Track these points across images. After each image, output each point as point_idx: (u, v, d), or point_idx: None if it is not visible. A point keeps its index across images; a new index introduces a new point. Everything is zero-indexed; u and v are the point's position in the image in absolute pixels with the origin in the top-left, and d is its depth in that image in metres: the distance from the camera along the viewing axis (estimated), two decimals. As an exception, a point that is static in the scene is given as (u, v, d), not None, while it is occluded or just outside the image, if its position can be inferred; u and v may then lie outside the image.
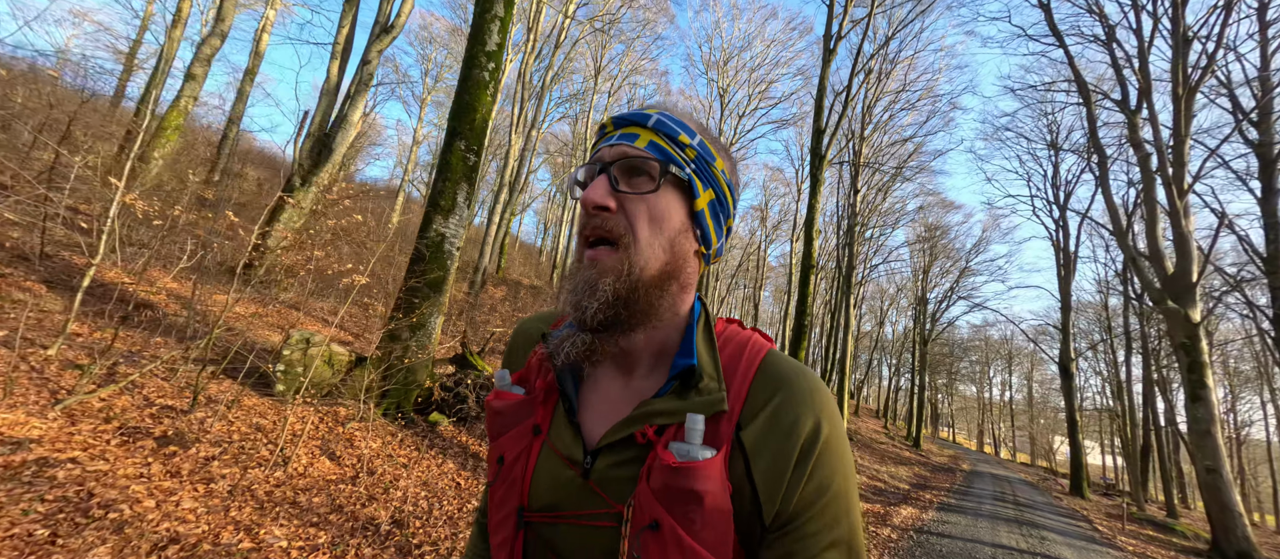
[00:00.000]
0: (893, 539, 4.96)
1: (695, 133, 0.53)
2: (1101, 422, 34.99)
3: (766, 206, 36.15)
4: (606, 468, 0.49)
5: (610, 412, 0.53)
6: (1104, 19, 12.13)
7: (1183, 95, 10.34)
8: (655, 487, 0.44)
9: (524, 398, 0.56)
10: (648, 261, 0.49)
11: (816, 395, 0.48)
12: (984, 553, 4.95)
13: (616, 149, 0.51)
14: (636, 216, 0.49)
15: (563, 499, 0.51)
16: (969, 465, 19.41)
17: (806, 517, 0.45)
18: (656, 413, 0.48)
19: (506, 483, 0.54)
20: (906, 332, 38.00)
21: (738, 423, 0.48)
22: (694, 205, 0.52)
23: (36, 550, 1.50)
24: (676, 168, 0.50)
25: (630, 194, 0.50)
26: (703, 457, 0.44)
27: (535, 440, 0.54)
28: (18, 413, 1.99)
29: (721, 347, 0.53)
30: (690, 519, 0.43)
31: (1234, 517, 8.39)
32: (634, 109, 0.53)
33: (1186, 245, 9.87)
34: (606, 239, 0.50)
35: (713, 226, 0.54)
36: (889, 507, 6.88)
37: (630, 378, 0.54)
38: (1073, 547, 6.24)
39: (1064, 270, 18.22)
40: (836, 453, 0.47)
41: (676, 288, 0.52)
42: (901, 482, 10.27)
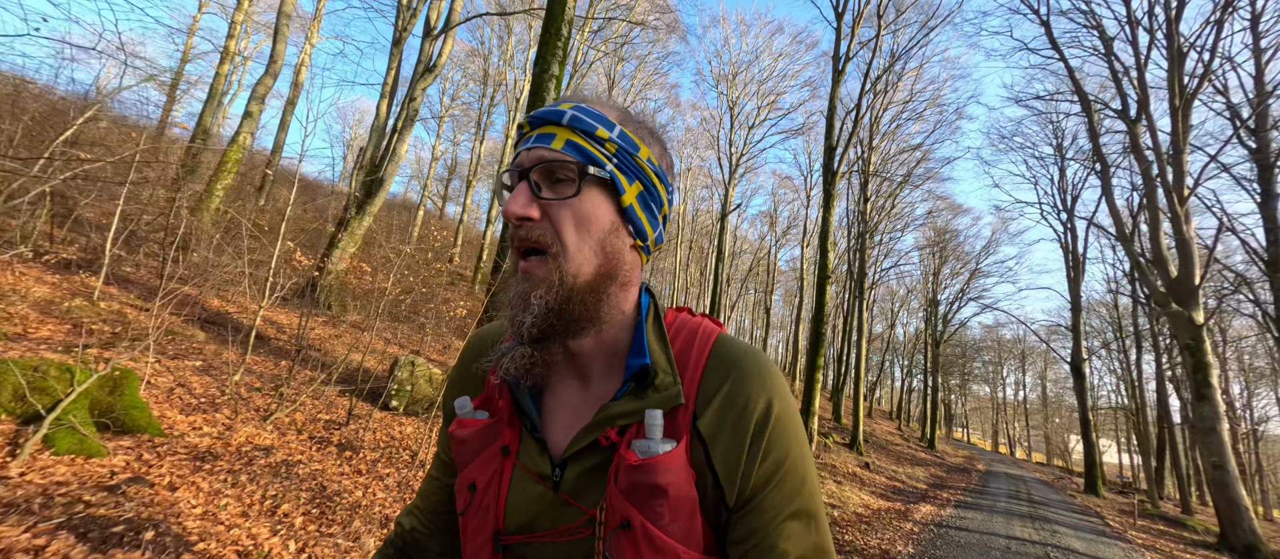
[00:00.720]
0: (914, 532, 5.48)
1: (614, 123, 0.51)
2: (1117, 420, 34.94)
3: (775, 212, 36.68)
4: (576, 477, 0.50)
5: (573, 420, 0.53)
6: (1102, 33, 12.62)
7: (1180, 106, 10.81)
8: (622, 487, 0.45)
9: (489, 422, 0.55)
10: (579, 268, 0.48)
11: (765, 374, 0.49)
12: (998, 544, 5.46)
13: (533, 153, 0.49)
14: (561, 223, 0.48)
15: (537, 516, 0.51)
16: (984, 465, 19.74)
17: (765, 492, 0.47)
18: (616, 415, 0.48)
19: (480, 510, 0.54)
20: (918, 333, 38.22)
21: (693, 412, 0.49)
22: (621, 202, 0.51)
23: (314, 526, 2.11)
24: (596, 167, 0.49)
25: (552, 200, 0.49)
26: (663, 450, 0.45)
27: (505, 462, 0.54)
28: (249, 427, 2.61)
29: (672, 338, 0.53)
30: (658, 513, 0.44)
31: (1240, 511, 8.77)
32: (548, 105, 0.52)
33: (1188, 250, 10.30)
34: (536, 248, 0.49)
35: (645, 218, 0.53)
36: (909, 505, 7.38)
37: (588, 384, 0.54)
38: (1082, 539, 6.71)
39: (1073, 273, 18.59)
40: (788, 428, 0.48)
41: (616, 287, 0.51)
42: (919, 482, 10.74)
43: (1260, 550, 8.38)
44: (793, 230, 36.75)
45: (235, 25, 14.51)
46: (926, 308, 29.30)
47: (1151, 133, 11.21)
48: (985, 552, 4.92)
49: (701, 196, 36.43)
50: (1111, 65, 12.48)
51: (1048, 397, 46.12)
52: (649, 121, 0.56)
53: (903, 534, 5.23)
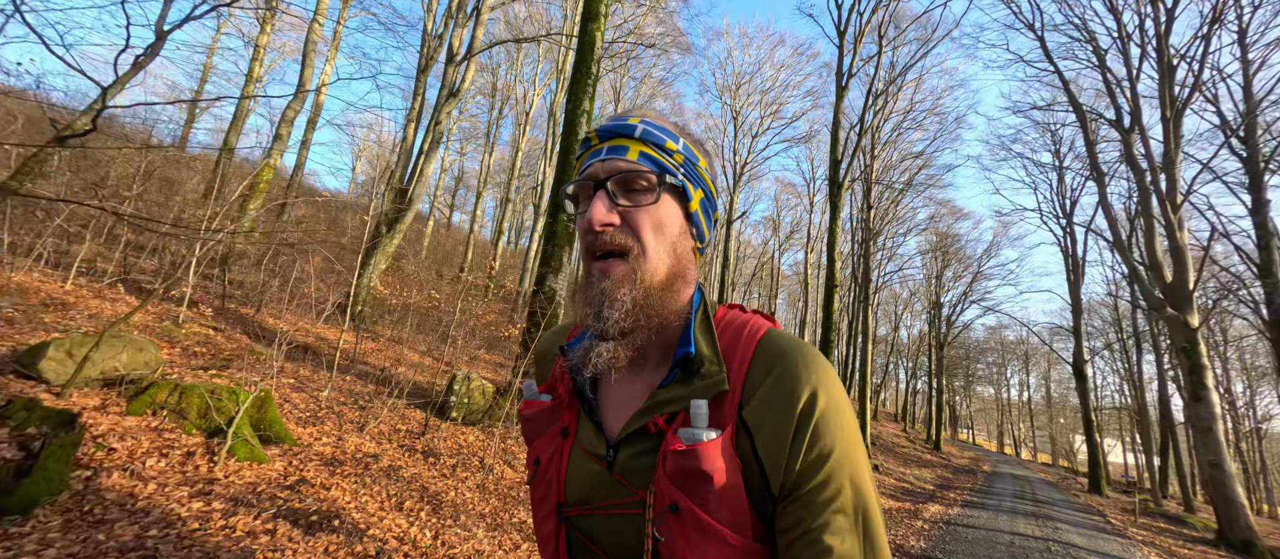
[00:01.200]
0: (924, 529, 5.88)
1: (678, 136, 0.56)
2: (1121, 420, 35.16)
3: (778, 217, 37.14)
4: (628, 459, 0.53)
5: (627, 406, 0.56)
6: (1096, 46, 13.07)
7: (1170, 118, 11.24)
8: (670, 471, 0.48)
9: (551, 404, 0.61)
10: (656, 268, 0.52)
11: (813, 366, 0.50)
12: (1003, 539, 5.85)
13: (609, 164, 0.53)
14: (642, 228, 0.52)
15: (594, 492, 0.55)
16: (989, 467, 20.06)
17: (811, 484, 0.47)
18: (664, 402, 0.52)
19: (544, 482, 0.59)
20: (922, 335, 38.56)
21: (740, 402, 0.50)
22: (689, 207, 0.56)
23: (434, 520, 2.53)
24: (670, 176, 0.53)
25: (632, 207, 0.52)
26: (706, 438, 0.47)
27: (565, 442, 0.58)
28: (353, 437, 3.04)
29: (721, 332, 0.56)
30: (705, 499, 0.46)
31: (1237, 508, 9.12)
32: (615, 120, 0.56)
33: (1182, 256, 10.68)
34: (617, 252, 0.53)
35: (706, 222, 0.58)
36: (918, 504, 7.77)
37: (642, 372, 0.57)
38: (1083, 535, 7.09)
39: (1073, 276, 18.96)
40: (835, 421, 0.48)
41: (682, 285, 0.56)
42: (926, 483, 11.11)
43: (1256, 546, 8.71)
44: (796, 235, 37.20)
45: (259, 49, 15.08)
46: (930, 310, 29.68)
47: (1144, 143, 11.64)
48: (991, 547, 5.32)
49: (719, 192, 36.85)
50: (1105, 77, 12.91)
51: (1052, 397, 46.35)
52: (697, 136, 0.60)
53: (914, 531, 5.63)
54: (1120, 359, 25.62)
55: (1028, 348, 43.58)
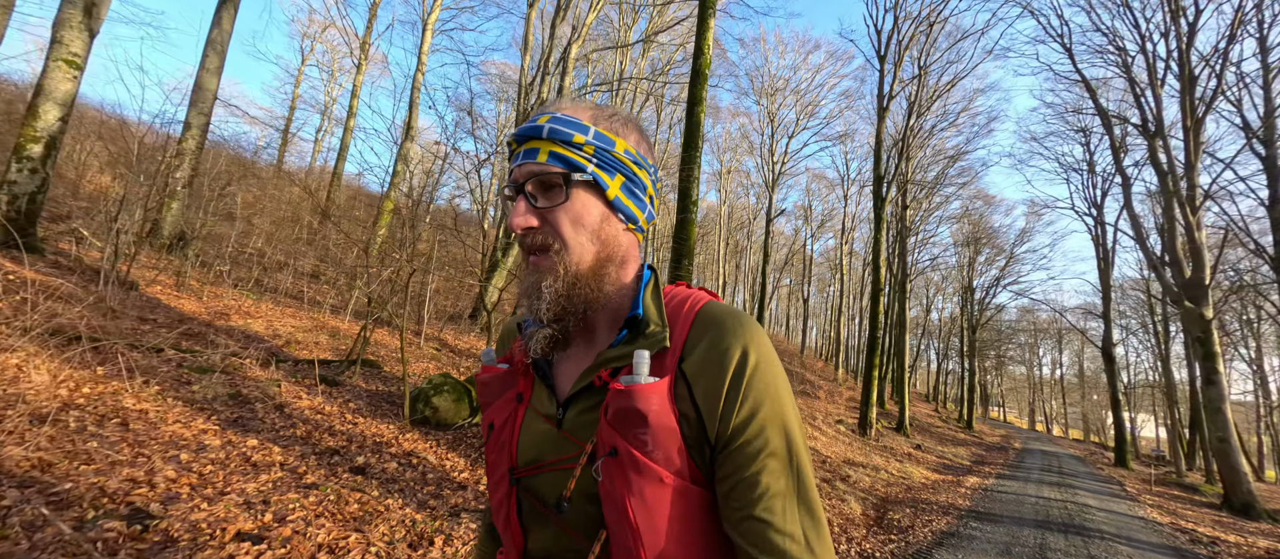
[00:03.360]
0: (967, 494, 7.53)
1: (588, 126, 0.57)
2: (1155, 396, 35.67)
3: (809, 206, 38.20)
4: (575, 415, 0.57)
5: (577, 371, 0.60)
6: (1122, 54, 14.05)
7: (1191, 126, 12.33)
8: (610, 416, 0.51)
9: (507, 371, 0.65)
10: (580, 258, 0.56)
11: (745, 328, 0.54)
12: (1030, 501, 7.46)
13: (524, 169, 0.56)
14: (559, 224, 0.56)
15: (543, 451, 0.58)
16: (1020, 444, 21.40)
17: (745, 434, 0.51)
18: (610, 359, 0.55)
19: (497, 446, 0.62)
20: (953, 317, 39.39)
21: (680, 356, 0.54)
22: (607, 195, 0.58)
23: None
24: (579, 173, 0.55)
25: (548, 207, 0.56)
26: (645, 381, 0.50)
27: (519, 407, 0.62)
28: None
29: (667, 301, 0.60)
30: (641, 440, 0.50)
31: (1240, 476, 10.51)
32: (528, 122, 0.58)
33: (1200, 254, 11.89)
34: (542, 247, 0.56)
35: (633, 203, 0.60)
36: (959, 477, 9.42)
37: (592, 342, 0.61)
38: (1097, 498, 8.65)
39: (1103, 265, 19.93)
40: (766, 377, 0.52)
41: (614, 267, 0.59)
42: (963, 459, 12.69)
43: (1254, 507, 10.10)
44: (828, 223, 38.29)
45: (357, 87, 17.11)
46: (962, 294, 30.59)
47: (1166, 149, 12.75)
48: (1020, 505, 6.96)
49: (737, 193, 38.17)
50: (1131, 83, 13.93)
51: (1084, 374, 46.68)
52: (622, 113, 0.62)
53: (959, 495, 7.30)
54: (1152, 338, 26.36)
55: (1060, 326, 43.89)
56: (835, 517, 4.68)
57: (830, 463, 7.30)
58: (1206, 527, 7.29)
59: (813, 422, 10.93)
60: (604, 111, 0.60)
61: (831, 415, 13.28)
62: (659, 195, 0.66)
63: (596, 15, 11.57)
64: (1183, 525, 7.18)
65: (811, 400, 16.29)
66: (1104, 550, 4.85)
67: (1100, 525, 6.14)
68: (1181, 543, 5.93)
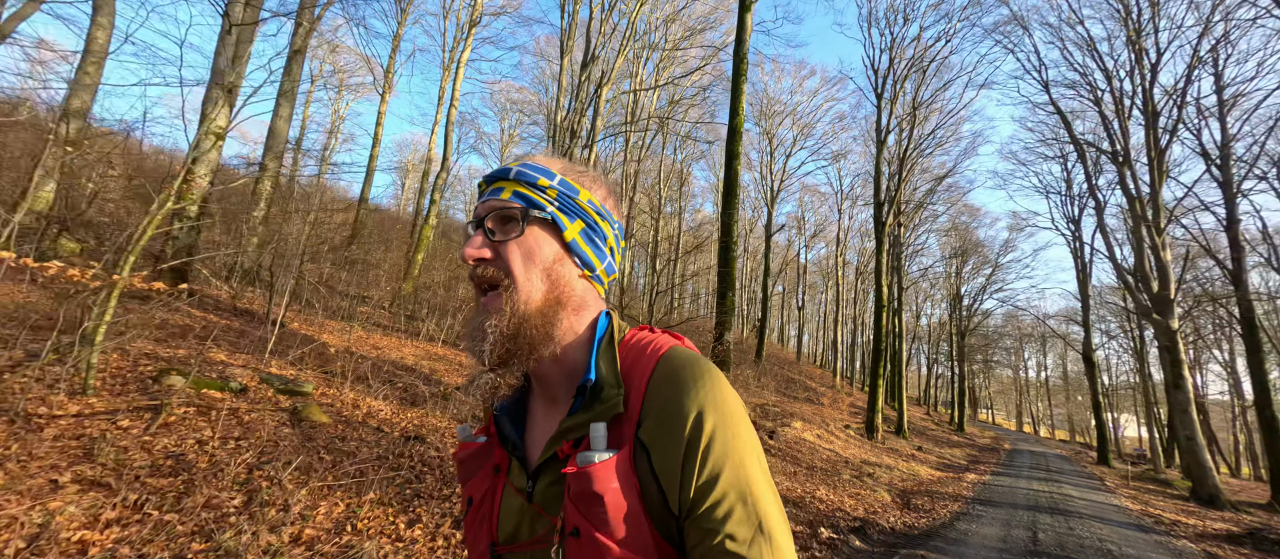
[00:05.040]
0: (969, 486, 8.70)
1: (555, 173, 0.59)
2: (1135, 397, 37.38)
3: (803, 218, 39.68)
4: (544, 488, 0.55)
5: (543, 439, 0.59)
6: (1094, 90, 15.55)
7: (1154, 157, 13.79)
8: (572, 496, 0.50)
9: (484, 444, 0.63)
10: (529, 295, 0.55)
11: (700, 385, 0.51)
12: (1021, 492, 8.64)
13: (486, 204, 0.58)
14: (510, 258, 0.56)
15: (520, 527, 0.57)
16: (1010, 445, 22.76)
17: (707, 503, 0.48)
18: (569, 429, 0.53)
19: (477, 521, 0.61)
20: (942, 323, 40.93)
21: (638, 420, 0.52)
22: (564, 237, 0.58)
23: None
24: (537, 210, 0.57)
25: (503, 241, 0.56)
26: (599, 459, 0.48)
27: (497, 479, 0.61)
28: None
29: (624, 355, 0.57)
30: (601, 520, 0.48)
31: (1206, 470, 11.80)
32: (499, 168, 0.60)
33: (1165, 272, 13.28)
34: (492, 284, 0.57)
35: (590, 251, 0.60)
36: (959, 473, 10.61)
37: (555, 405, 0.60)
38: (1079, 490, 9.88)
39: (1082, 275, 21.44)
40: (724, 439, 0.49)
41: (567, 312, 0.58)
42: (959, 459, 13.92)
43: (1219, 498, 11.37)
44: (820, 234, 39.79)
45: (381, 115, 18.15)
46: (951, 301, 32.06)
47: (1133, 177, 14.20)
48: (1014, 494, 8.14)
49: (733, 206, 39.54)
50: (1102, 114, 15.42)
51: (1069, 376, 48.50)
52: (593, 172, 0.64)
53: (962, 487, 8.47)
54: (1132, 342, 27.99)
55: (1045, 330, 45.64)
56: (873, 503, 5.81)
57: (852, 463, 8.45)
58: (1171, 513, 8.52)
59: (826, 428, 12.07)
60: (574, 167, 0.62)
61: (838, 421, 14.44)
62: (622, 247, 0.67)
63: (623, 60, 12.74)
64: (1151, 511, 8.40)
65: (817, 407, 17.45)
66: (1082, 527, 6.04)
67: (1080, 510, 7.35)
68: (1147, 523, 7.13)
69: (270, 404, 3.10)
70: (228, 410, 2.81)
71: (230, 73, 6.76)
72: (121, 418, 2.40)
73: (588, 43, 13.32)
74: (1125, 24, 14.57)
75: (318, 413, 3.21)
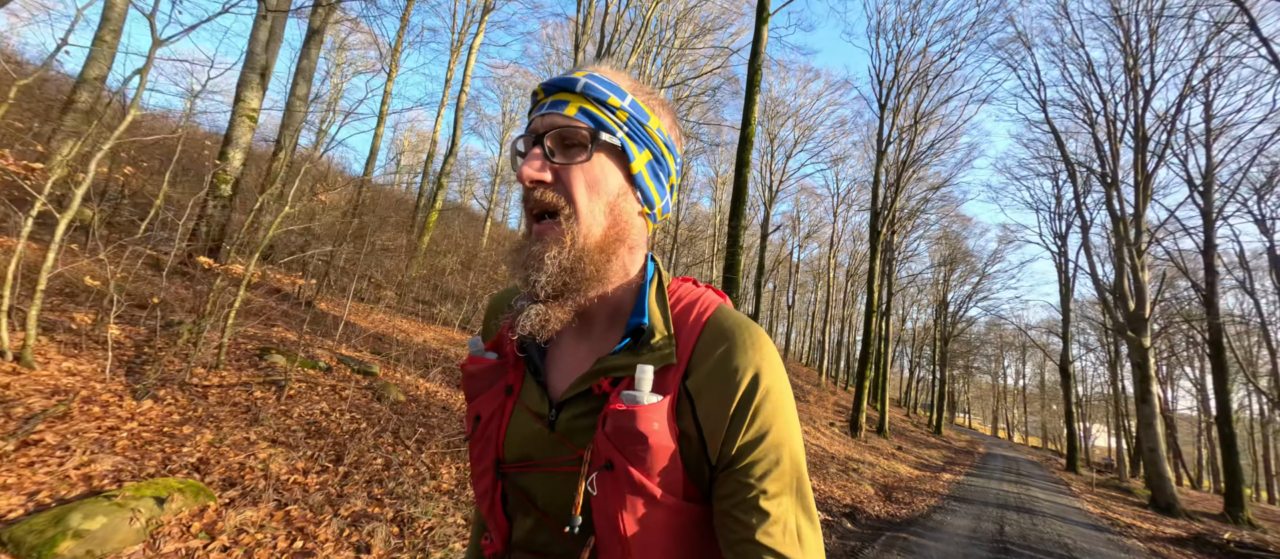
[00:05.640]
0: (945, 484, 9.29)
1: (626, 92, 0.54)
2: (1107, 408, 38.69)
3: (798, 217, 40.25)
4: (569, 419, 0.54)
5: (572, 369, 0.57)
6: (1088, 111, 16.09)
7: (1140, 181, 14.39)
8: (608, 431, 0.49)
9: (496, 362, 0.61)
10: (590, 229, 0.52)
11: (758, 347, 0.51)
12: (992, 492, 9.25)
13: (547, 119, 0.52)
14: (573, 185, 0.52)
15: (534, 450, 0.56)
16: (984, 449, 23.65)
17: (749, 458, 0.49)
18: (611, 368, 0.52)
19: (483, 439, 0.60)
20: (926, 328, 41.90)
21: (685, 372, 0.52)
22: (630, 168, 0.54)
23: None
24: (608, 134, 0.52)
25: (565, 164, 0.52)
26: (647, 401, 0.48)
27: (508, 399, 0.59)
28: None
29: (673, 305, 0.57)
30: (639, 457, 0.48)
31: (1165, 481, 12.55)
32: (563, 75, 0.54)
33: (1142, 291, 13.94)
34: (549, 211, 0.53)
35: (654, 186, 0.57)
36: (935, 473, 11.23)
37: (588, 338, 0.58)
38: (1046, 493, 10.54)
39: (1064, 290, 22.20)
40: (776, 403, 0.50)
41: (624, 250, 0.56)
42: (936, 460, 14.60)
43: (1175, 507, 12.12)
44: (814, 234, 40.42)
45: (387, 94, 18.25)
46: (937, 307, 32.87)
47: (1119, 198, 14.80)
48: (985, 493, 8.74)
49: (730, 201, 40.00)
50: (1094, 136, 15.98)
51: (1045, 385, 49.93)
52: (660, 94, 0.59)
53: (939, 485, 9.06)
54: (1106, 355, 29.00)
55: (1025, 340, 46.86)
56: (859, 494, 6.33)
57: (839, 458, 8.99)
58: (1128, 517, 9.18)
59: (812, 424, 12.64)
60: (644, 86, 0.58)
61: (824, 419, 15.04)
62: (677, 188, 0.62)
63: (637, 58, 12.99)
64: (1109, 515, 9.05)
65: (803, 404, 18.08)
66: (1044, 524, 6.61)
67: (1044, 509, 7.95)
68: (1104, 525, 7.75)
69: (354, 383, 3.47)
70: (328, 387, 3.19)
71: (262, 56, 6.99)
72: (254, 389, 2.77)
73: (602, 37, 13.53)
74: (1124, 51, 15.07)
75: (396, 391, 3.57)
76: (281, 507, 1.84)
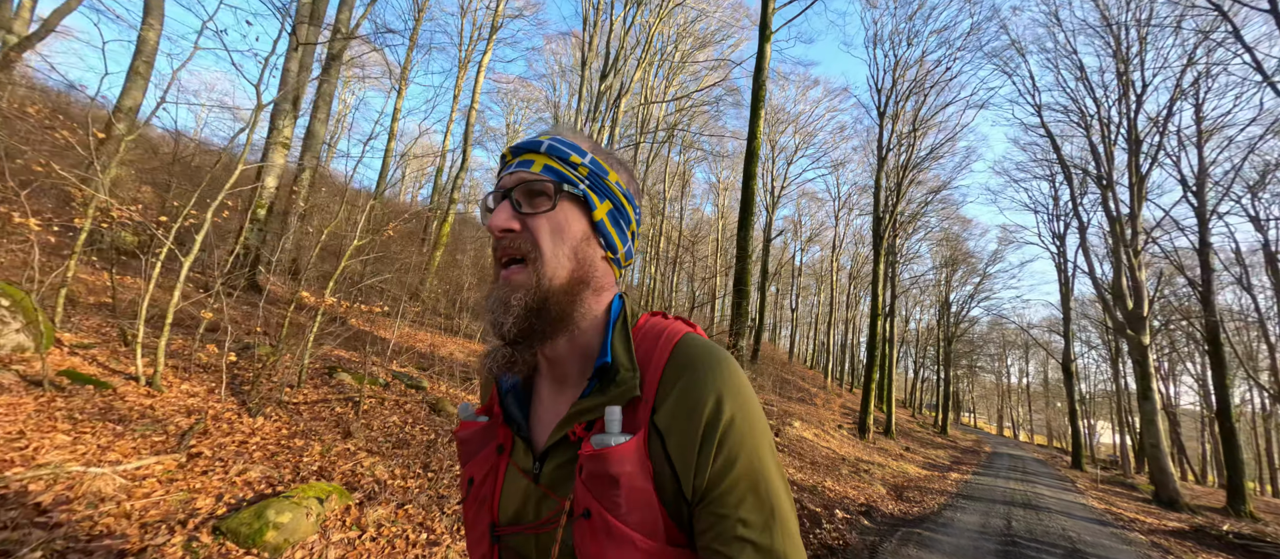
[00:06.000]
0: (953, 483, 9.56)
1: (586, 151, 0.58)
2: (1111, 405, 38.84)
3: (799, 221, 40.63)
4: (552, 470, 0.55)
5: (552, 420, 0.58)
6: (1083, 115, 16.47)
7: (1134, 183, 14.73)
8: (584, 477, 0.50)
9: (486, 424, 0.63)
10: (555, 271, 0.55)
11: (719, 373, 0.52)
12: (1000, 490, 9.53)
13: (515, 176, 0.57)
14: (539, 232, 0.55)
15: (524, 508, 0.57)
16: (990, 448, 23.88)
17: (720, 490, 0.49)
18: (583, 411, 0.53)
19: (477, 502, 0.60)
20: (929, 328, 42.15)
21: (653, 406, 0.52)
22: (593, 216, 0.58)
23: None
24: (570, 185, 0.56)
25: (532, 214, 0.55)
26: (615, 442, 0.49)
27: (500, 459, 0.60)
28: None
29: (639, 340, 0.58)
30: (614, 503, 0.48)
31: (1167, 476, 12.80)
32: (528, 138, 0.59)
33: (1140, 290, 14.24)
34: (516, 258, 0.56)
35: (615, 233, 0.60)
36: (943, 473, 11.51)
37: (566, 387, 0.59)
38: (1051, 489, 10.81)
39: (1064, 289, 22.50)
40: (742, 429, 0.50)
41: (589, 293, 0.58)
42: (943, 460, 14.86)
43: (1178, 501, 12.36)
44: (815, 236, 40.79)
45: (397, 111, 18.67)
46: (939, 308, 33.13)
47: (1116, 203, 15.14)
48: (992, 491, 9.03)
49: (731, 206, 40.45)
50: (1089, 139, 16.34)
51: (1049, 383, 50.08)
52: (617, 154, 0.64)
53: (947, 484, 9.34)
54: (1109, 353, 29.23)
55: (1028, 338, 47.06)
56: (872, 494, 6.64)
57: (849, 460, 9.28)
58: (1131, 512, 9.45)
59: (821, 427, 12.92)
60: (600, 147, 0.62)
61: (831, 421, 15.31)
62: (639, 236, 0.67)
63: (641, 72, 13.40)
64: (1113, 510, 9.33)
65: (810, 407, 18.34)
66: (1049, 519, 6.91)
67: (1050, 506, 8.24)
68: (1107, 519, 8.03)
69: (411, 397, 3.80)
70: (392, 401, 3.51)
71: (294, 86, 7.37)
72: (335, 405, 3.09)
73: (607, 54, 13.94)
74: (1116, 57, 15.46)
75: (447, 403, 3.89)
76: (401, 505, 2.16)
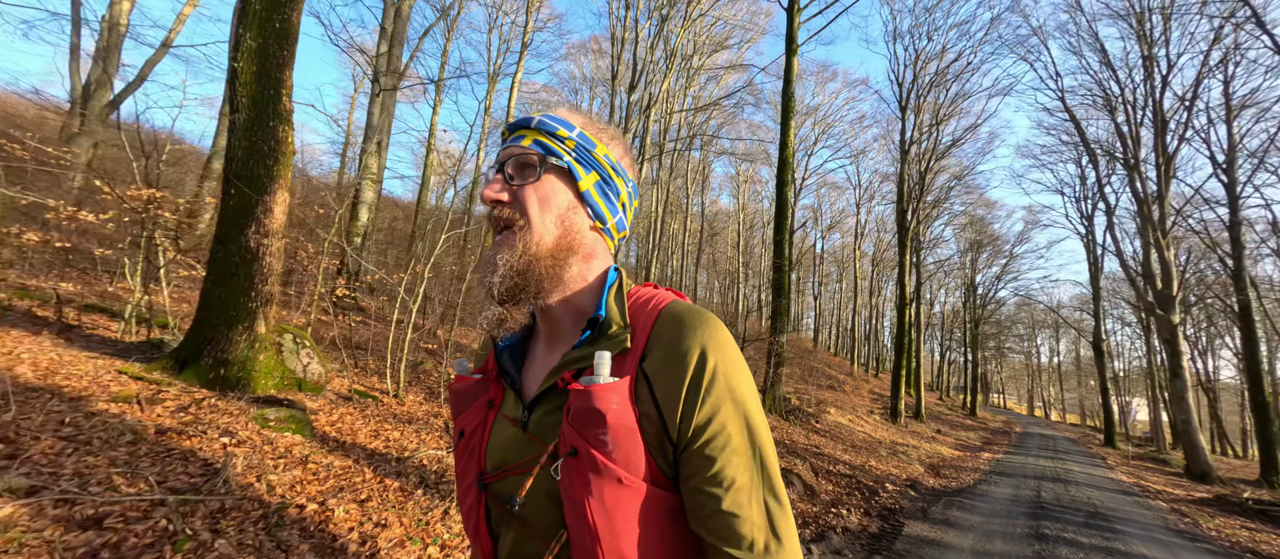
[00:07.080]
0: (985, 462, 10.15)
1: (574, 126, 0.62)
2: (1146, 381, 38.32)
3: (819, 209, 40.87)
4: (540, 418, 0.58)
5: (544, 373, 0.62)
6: (1108, 98, 16.59)
7: (1161, 163, 14.92)
8: (571, 417, 0.52)
9: (479, 379, 0.67)
10: (542, 237, 0.58)
11: (705, 328, 0.54)
12: (1030, 467, 10.08)
13: (507, 150, 0.61)
14: (526, 201, 0.59)
15: (509, 454, 0.60)
16: (1021, 428, 24.13)
17: (706, 434, 0.52)
18: (573, 360, 0.57)
19: (467, 452, 0.63)
20: (955, 310, 42.00)
21: (641, 356, 0.55)
22: (578, 187, 0.61)
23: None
24: (555, 158, 0.60)
25: (520, 184, 0.59)
26: (602, 381, 0.51)
27: (490, 413, 0.64)
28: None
29: (632, 305, 0.61)
30: (601, 440, 0.50)
31: (1198, 451, 13.14)
32: (523, 116, 0.63)
33: (1169, 270, 14.48)
34: (506, 224, 0.59)
35: (603, 203, 0.63)
36: (974, 453, 12.09)
37: (557, 344, 0.63)
38: (1080, 466, 11.32)
39: (1093, 269, 22.55)
40: (726, 378, 0.53)
41: (577, 259, 0.61)
42: (974, 441, 15.37)
43: (1209, 475, 12.71)
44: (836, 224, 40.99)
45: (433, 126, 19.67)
46: (965, 290, 33.06)
47: (1143, 183, 15.33)
48: (1023, 468, 9.61)
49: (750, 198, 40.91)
50: (1114, 121, 16.48)
51: (1081, 361, 49.37)
52: (613, 129, 0.66)
53: (979, 462, 9.94)
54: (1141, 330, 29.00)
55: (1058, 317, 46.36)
56: (912, 472, 7.36)
57: (886, 442, 9.97)
58: (1160, 484, 9.94)
59: (854, 413, 13.58)
60: (595, 122, 0.65)
61: (862, 407, 15.91)
62: (634, 207, 0.69)
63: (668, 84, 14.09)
64: (1142, 483, 9.84)
65: (841, 393, 18.95)
66: (1078, 491, 7.53)
67: (1079, 480, 8.82)
68: (1135, 491, 8.59)
69: None
70: None
71: (379, 129, 8.30)
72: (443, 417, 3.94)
73: (635, 64, 14.65)
74: (1140, 40, 15.56)
75: None
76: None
